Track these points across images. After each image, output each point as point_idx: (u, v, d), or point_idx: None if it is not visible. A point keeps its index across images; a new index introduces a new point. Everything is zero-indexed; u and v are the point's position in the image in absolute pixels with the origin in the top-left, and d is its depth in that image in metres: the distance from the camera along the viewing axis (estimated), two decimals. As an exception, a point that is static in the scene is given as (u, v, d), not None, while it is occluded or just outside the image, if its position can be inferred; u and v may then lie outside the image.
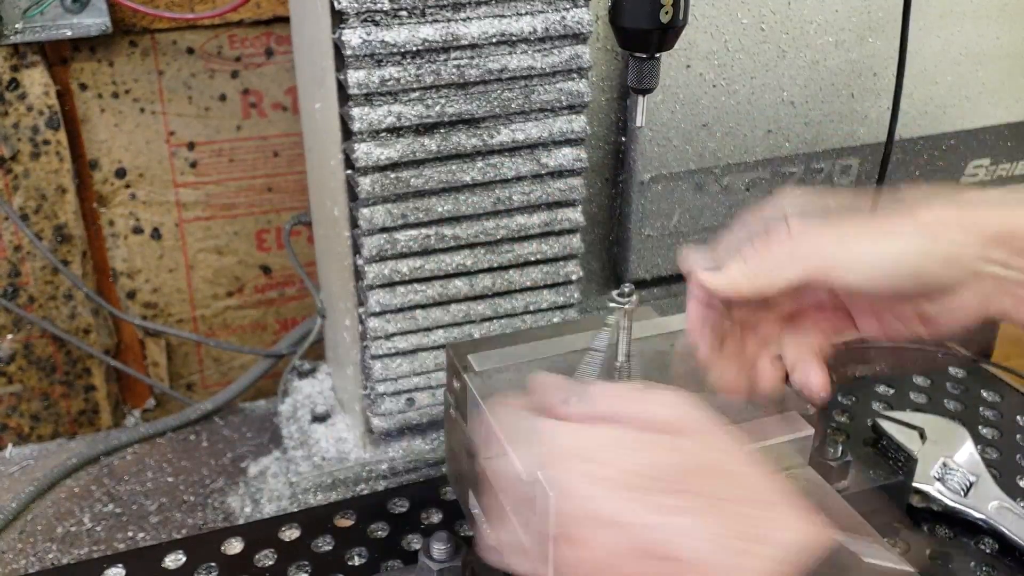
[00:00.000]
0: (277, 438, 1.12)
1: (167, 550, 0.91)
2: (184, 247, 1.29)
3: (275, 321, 1.38)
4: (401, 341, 0.95)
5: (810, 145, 1.09)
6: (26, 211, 1.17)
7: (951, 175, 1.19)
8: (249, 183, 1.28)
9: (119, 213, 1.25)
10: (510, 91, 0.87)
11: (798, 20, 1.03)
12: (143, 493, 1.05)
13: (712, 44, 1.00)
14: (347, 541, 0.92)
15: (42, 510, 1.03)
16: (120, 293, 1.29)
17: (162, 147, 1.23)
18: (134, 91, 1.19)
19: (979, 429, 1.08)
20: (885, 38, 1.07)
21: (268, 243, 1.33)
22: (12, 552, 0.97)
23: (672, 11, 0.75)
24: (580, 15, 0.86)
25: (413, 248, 0.90)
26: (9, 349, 1.24)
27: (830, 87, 1.08)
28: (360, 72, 0.81)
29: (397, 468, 1.02)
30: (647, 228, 1.07)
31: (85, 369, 1.28)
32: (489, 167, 0.89)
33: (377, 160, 0.84)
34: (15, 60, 1.11)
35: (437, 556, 0.77)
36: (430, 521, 0.96)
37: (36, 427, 1.29)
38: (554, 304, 0.99)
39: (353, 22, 0.79)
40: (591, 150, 0.99)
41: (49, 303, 1.23)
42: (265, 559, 0.90)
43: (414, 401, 0.99)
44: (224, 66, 1.21)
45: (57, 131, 1.15)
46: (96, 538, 0.99)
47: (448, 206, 0.89)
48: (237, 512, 1.03)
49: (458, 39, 0.82)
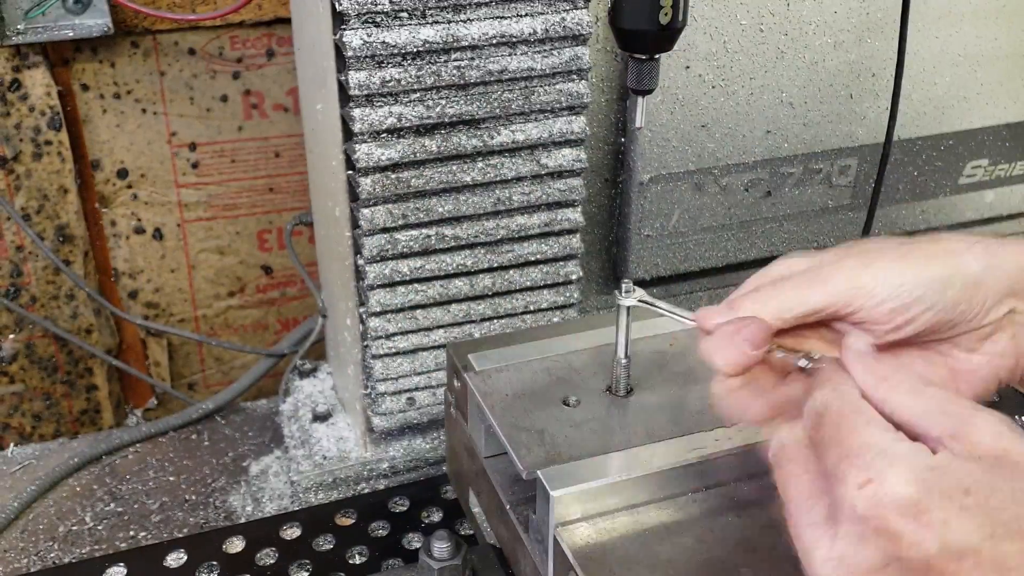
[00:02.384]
0: (278, 437, 1.12)
1: (168, 549, 0.92)
2: (186, 247, 1.30)
3: (276, 321, 1.38)
4: (402, 341, 0.95)
5: (809, 146, 1.09)
6: (28, 211, 1.18)
7: (949, 175, 1.19)
8: (251, 183, 1.29)
9: (121, 213, 1.25)
10: (510, 92, 0.87)
11: (797, 21, 1.03)
12: (145, 492, 1.06)
13: (711, 45, 1.01)
14: (348, 540, 0.93)
15: (44, 509, 1.03)
16: (122, 293, 1.29)
17: (164, 148, 1.24)
18: (136, 92, 1.20)
19: (977, 429, 1.08)
20: (883, 39, 1.08)
21: (269, 243, 1.33)
22: (14, 551, 0.97)
23: (671, 12, 0.75)
24: (580, 17, 0.86)
25: (414, 248, 0.90)
26: (11, 349, 1.24)
27: (829, 88, 1.08)
28: (361, 73, 0.81)
29: (398, 467, 1.02)
30: (647, 228, 1.07)
31: (87, 369, 1.28)
32: (489, 167, 0.89)
33: (378, 161, 0.85)
34: (17, 61, 1.11)
35: (437, 555, 0.77)
36: (430, 520, 0.96)
37: (38, 426, 1.30)
38: (554, 304, 0.99)
39: (354, 23, 0.80)
40: (591, 151, 0.99)
41: (51, 303, 1.23)
42: (266, 558, 0.91)
43: (415, 400, 0.99)
44: (226, 67, 1.22)
45: (59, 131, 1.16)
46: (98, 537, 0.99)
47: (448, 206, 0.90)
48: (238, 511, 1.03)
49: (458, 40, 0.83)
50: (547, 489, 0.69)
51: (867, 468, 0.43)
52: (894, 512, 0.41)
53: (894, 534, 0.41)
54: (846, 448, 0.45)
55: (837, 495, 0.44)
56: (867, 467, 0.43)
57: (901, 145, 1.15)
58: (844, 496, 0.43)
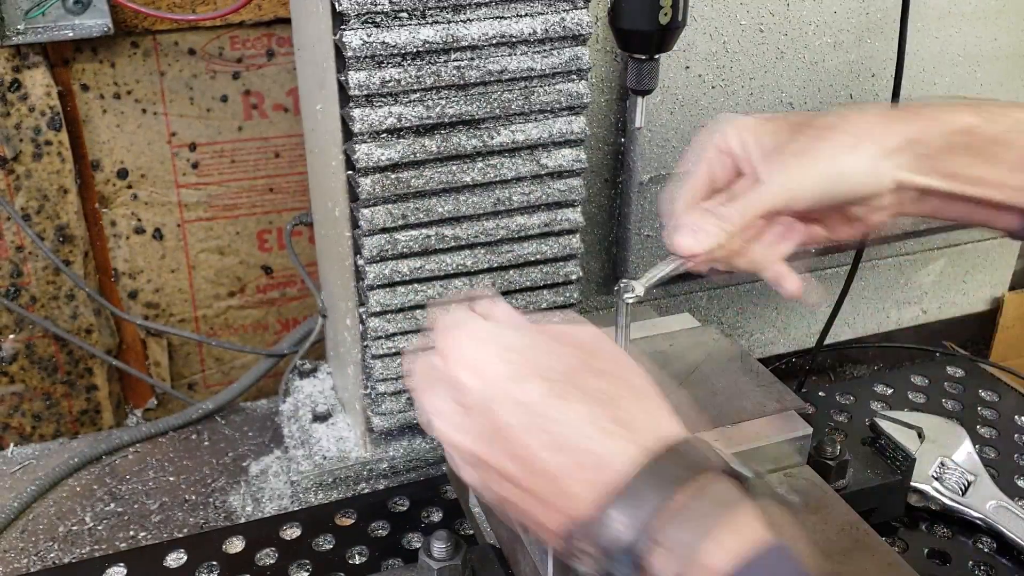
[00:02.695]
0: (278, 437, 1.12)
1: (168, 549, 0.92)
2: (186, 247, 1.30)
3: (276, 321, 1.39)
4: (402, 341, 0.95)
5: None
6: (28, 211, 1.18)
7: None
8: (250, 184, 1.29)
9: (121, 213, 1.25)
10: (510, 92, 0.87)
11: (797, 21, 1.03)
12: (144, 492, 1.06)
13: (711, 45, 1.01)
14: (348, 540, 0.93)
15: (44, 509, 1.03)
16: (122, 293, 1.29)
17: (164, 148, 1.24)
18: (136, 92, 1.20)
19: (977, 429, 1.08)
20: (883, 39, 1.08)
21: (269, 243, 1.33)
22: (14, 551, 0.97)
23: (671, 13, 0.75)
24: (579, 17, 0.86)
25: (413, 248, 0.90)
26: (11, 349, 1.24)
27: (829, 88, 1.08)
28: (361, 73, 0.81)
29: (397, 467, 1.02)
30: (646, 228, 1.07)
31: (87, 369, 1.28)
32: (489, 168, 0.89)
33: (378, 161, 0.85)
34: (17, 61, 1.11)
35: (437, 555, 0.77)
36: (430, 520, 0.96)
37: (38, 427, 1.30)
38: (554, 304, 0.99)
39: (354, 23, 0.80)
40: (590, 151, 0.99)
41: (51, 303, 1.23)
42: (266, 558, 0.91)
43: (414, 400, 0.99)
44: (225, 67, 1.22)
45: (59, 132, 1.16)
46: (97, 537, 0.99)
47: (448, 206, 0.90)
48: (238, 511, 1.03)
49: (458, 40, 0.83)
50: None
51: (445, 340, 0.59)
52: (459, 366, 0.57)
53: (457, 382, 0.57)
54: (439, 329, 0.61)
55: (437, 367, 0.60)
56: (446, 339, 0.59)
57: (901, 145, 1.15)
58: (434, 363, 0.60)
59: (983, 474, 0.95)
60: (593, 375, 0.55)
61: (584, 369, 0.56)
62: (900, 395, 1.14)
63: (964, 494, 0.94)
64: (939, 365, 1.21)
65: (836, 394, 1.13)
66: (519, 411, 0.54)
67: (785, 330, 1.25)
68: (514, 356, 0.57)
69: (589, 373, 0.55)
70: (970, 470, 0.95)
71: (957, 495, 0.93)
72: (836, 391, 1.14)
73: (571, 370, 0.55)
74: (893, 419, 0.98)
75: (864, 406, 1.11)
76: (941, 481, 0.94)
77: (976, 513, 0.92)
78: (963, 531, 0.93)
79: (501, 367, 0.56)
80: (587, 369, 0.56)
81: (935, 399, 1.14)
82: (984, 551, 0.91)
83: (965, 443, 0.98)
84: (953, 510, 0.93)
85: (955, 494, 0.93)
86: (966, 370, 1.20)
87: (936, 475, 0.95)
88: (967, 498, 0.93)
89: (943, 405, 1.13)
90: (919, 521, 0.94)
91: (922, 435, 0.97)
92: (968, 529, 0.93)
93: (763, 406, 0.81)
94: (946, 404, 1.13)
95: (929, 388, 1.16)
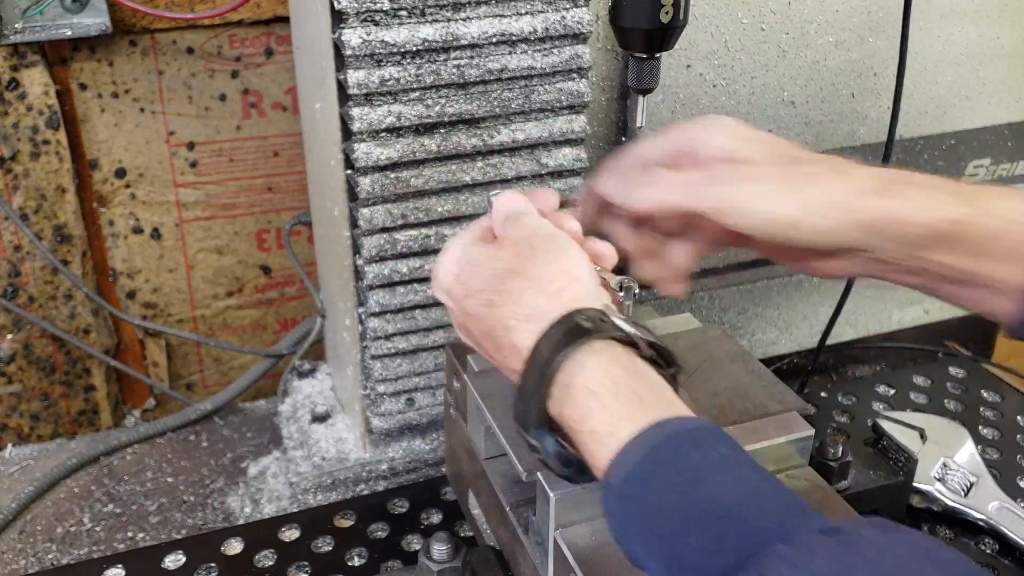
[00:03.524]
0: (277, 438, 1.12)
1: (167, 550, 0.91)
2: (184, 247, 1.29)
3: (275, 321, 1.38)
4: (401, 341, 0.95)
5: (810, 145, 1.09)
6: (26, 211, 1.17)
7: (951, 175, 1.19)
8: (249, 183, 1.28)
9: (119, 213, 1.25)
10: (510, 91, 0.87)
11: (798, 20, 1.03)
12: (143, 493, 1.05)
13: (712, 44, 1.00)
14: (347, 541, 0.92)
15: (42, 510, 1.03)
16: (120, 293, 1.29)
17: (162, 147, 1.23)
18: (134, 91, 1.19)
19: (979, 429, 1.08)
20: (885, 38, 1.07)
21: (268, 243, 1.33)
22: (12, 552, 0.97)
23: (672, 11, 0.75)
24: (580, 15, 0.86)
25: (413, 248, 0.90)
26: (9, 349, 1.24)
27: (830, 87, 1.08)
28: (360, 72, 0.81)
29: (397, 468, 1.02)
30: (647, 228, 1.06)
31: (85, 369, 1.28)
32: (489, 167, 0.89)
33: (377, 160, 0.84)
34: (15, 60, 1.11)
35: (437, 556, 0.77)
36: (430, 521, 0.96)
37: (36, 427, 1.29)
38: (554, 304, 0.98)
39: (353, 22, 0.79)
40: (591, 150, 0.99)
41: (49, 303, 1.23)
42: (265, 559, 0.90)
43: (414, 401, 0.99)
44: (224, 66, 1.21)
45: (57, 131, 1.15)
46: (96, 538, 0.99)
47: (448, 206, 0.89)
48: (237, 512, 1.03)
49: (458, 39, 0.82)
50: (547, 491, 0.69)
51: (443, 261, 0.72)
52: (439, 267, 0.71)
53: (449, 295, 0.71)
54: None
55: None
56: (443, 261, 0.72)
57: (903, 144, 1.15)
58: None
59: (985, 475, 0.95)
60: (510, 277, 0.66)
61: (505, 274, 0.66)
62: (902, 396, 1.14)
63: (966, 495, 0.93)
64: (941, 365, 1.21)
65: (838, 395, 1.13)
66: (470, 313, 0.68)
67: (787, 330, 1.25)
68: (466, 272, 0.69)
69: (507, 276, 0.66)
70: (972, 471, 0.95)
71: (959, 496, 0.93)
72: (838, 391, 1.14)
73: (496, 277, 0.66)
74: (895, 420, 0.98)
75: (866, 407, 1.11)
76: (943, 482, 0.94)
77: (978, 514, 0.92)
78: (965, 532, 0.93)
79: (456, 286, 0.70)
80: (507, 274, 0.66)
81: (937, 400, 1.14)
82: (986, 552, 0.91)
83: (967, 444, 0.97)
84: (955, 511, 0.93)
85: (957, 495, 0.93)
86: (968, 371, 1.19)
87: (938, 476, 0.94)
88: (969, 499, 0.93)
89: (945, 406, 1.12)
90: (921, 522, 0.93)
91: (924, 436, 0.97)
92: (970, 530, 0.93)
93: (765, 407, 0.81)
94: (948, 405, 1.13)
95: (931, 389, 1.16)
